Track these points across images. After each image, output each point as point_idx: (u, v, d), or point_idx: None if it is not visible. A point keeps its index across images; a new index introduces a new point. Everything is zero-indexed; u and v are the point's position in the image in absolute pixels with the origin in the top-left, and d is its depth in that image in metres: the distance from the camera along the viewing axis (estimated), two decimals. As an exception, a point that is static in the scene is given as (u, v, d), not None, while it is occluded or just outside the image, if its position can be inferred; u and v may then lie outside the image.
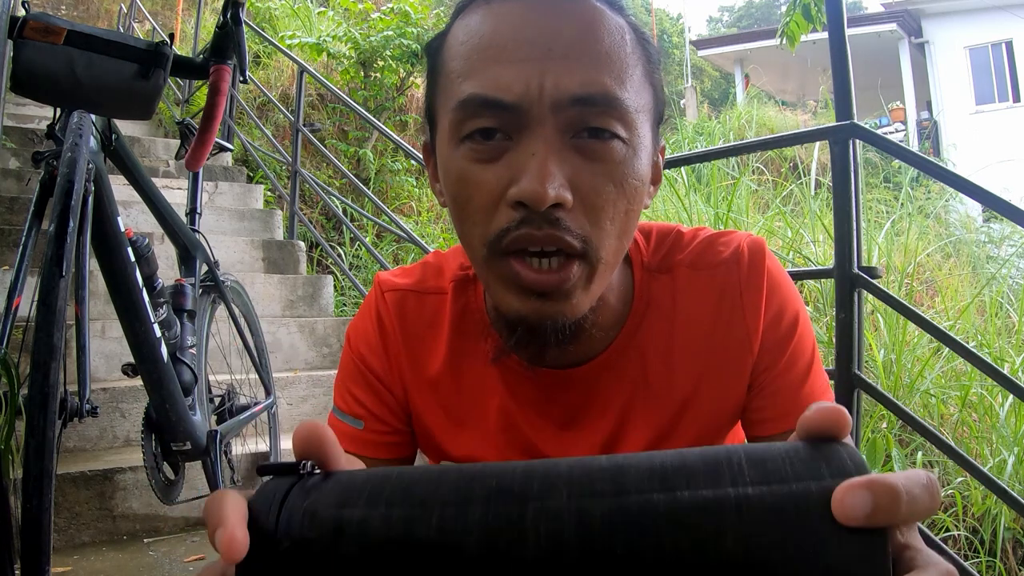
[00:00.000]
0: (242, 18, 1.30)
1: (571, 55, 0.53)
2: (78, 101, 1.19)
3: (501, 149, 0.54)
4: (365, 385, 0.72)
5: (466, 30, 0.57)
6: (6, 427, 1.01)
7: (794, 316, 0.66)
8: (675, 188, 4.11)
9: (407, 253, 4.73)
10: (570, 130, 0.53)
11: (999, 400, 2.42)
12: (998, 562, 2.07)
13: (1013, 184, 5.00)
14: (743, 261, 0.66)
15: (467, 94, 0.54)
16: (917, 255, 3.70)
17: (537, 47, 0.53)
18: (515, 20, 0.55)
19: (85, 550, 1.73)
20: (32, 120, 4.40)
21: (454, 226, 0.60)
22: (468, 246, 0.58)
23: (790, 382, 0.66)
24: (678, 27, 24.63)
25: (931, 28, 12.09)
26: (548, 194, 0.50)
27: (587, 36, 0.54)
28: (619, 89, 0.54)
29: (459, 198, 0.57)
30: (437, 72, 0.59)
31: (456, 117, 0.55)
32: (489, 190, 0.54)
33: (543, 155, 0.51)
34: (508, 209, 0.53)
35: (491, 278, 0.57)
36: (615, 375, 0.67)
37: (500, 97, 0.53)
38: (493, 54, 0.54)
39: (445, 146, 0.57)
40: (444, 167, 0.58)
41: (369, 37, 5.54)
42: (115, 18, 6.99)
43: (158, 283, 1.47)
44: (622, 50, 0.55)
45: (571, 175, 0.53)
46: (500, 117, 0.53)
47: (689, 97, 13.14)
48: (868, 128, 1.57)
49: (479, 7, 0.57)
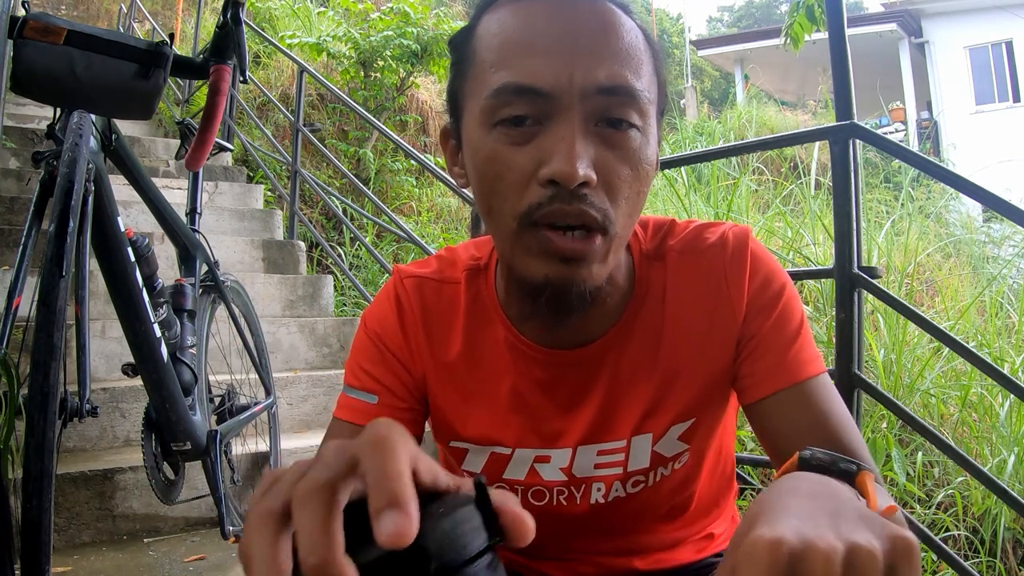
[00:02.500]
0: (242, 18, 1.30)
1: (596, 50, 0.59)
2: (78, 101, 1.19)
3: (532, 134, 0.59)
4: (381, 361, 0.75)
5: (499, 22, 0.62)
6: (6, 427, 1.01)
7: (780, 286, 0.71)
8: (675, 188, 4.11)
9: (407, 253, 4.73)
10: (593, 118, 0.59)
11: (999, 400, 2.42)
12: (998, 562, 2.07)
13: (1015, 184, 5.00)
14: (728, 245, 0.71)
15: (502, 82, 0.59)
16: (917, 255, 3.70)
17: (566, 42, 0.59)
18: (545, 17, 0.60)
19: (85, 550, 1.73)
20: (32, 120, 4.40)
21: (479, 204, 0.65)
22: (497, 221, 0.63)
23: (778, 343, 0.69)
24: (678, 27, 24.62)
25: (931, 28, 12.09)
26: (578, 173, 0.56)
27: (609, 34, 0.60)
28: (636, 82, 0.60)
29: (489, 176, 0.62)
30: (466, 62, 0.64)
31: (490, 104, 0.60)
32: (521, 169, 0.59)
33: (572, 138, 0.57)
34: (539, 187, 0.59)
35: (519, 249, 0.62)
36: (616, 355, 0.72)
37: (534, 84, 0.58)
38: (526, 47, 0.60)
39: (475, 129, 0.62)
40: (474, 148, 0.63)
41: (369, 37, 5.54)
42: (115, 18, 6.99)
43: (158, 283, 1.47)
44: (637, 48, 0.61)
45: (594, 157, 0.59)
46: (532, 104, 0.59)
47: (689, 97, 13.14)
48: (868, 128, 1.57)
49: (508, 4, 0.63)
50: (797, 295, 0.72)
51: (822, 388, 0.68)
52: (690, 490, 0.78)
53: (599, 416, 0.72)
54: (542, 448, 0.73)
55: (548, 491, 0.75)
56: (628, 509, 0.75)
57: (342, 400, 0.76)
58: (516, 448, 0.74)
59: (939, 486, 2.29)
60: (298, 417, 2.49)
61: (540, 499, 0.76)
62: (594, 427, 0.72)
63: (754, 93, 10.96)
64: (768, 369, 0.69)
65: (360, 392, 0.75)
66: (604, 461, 0.73)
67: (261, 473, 2.10)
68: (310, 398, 2.54)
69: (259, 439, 2.08)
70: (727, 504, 0.86)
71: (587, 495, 0.75)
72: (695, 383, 0.72)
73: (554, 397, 0.73)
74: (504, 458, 0.74)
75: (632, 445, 0.72)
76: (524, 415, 0.73)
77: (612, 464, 0.73)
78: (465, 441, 0.76)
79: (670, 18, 26.04)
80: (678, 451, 0.74)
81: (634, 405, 0.72)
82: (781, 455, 0.67)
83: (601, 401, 0.72)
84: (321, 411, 2.54)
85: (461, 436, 0.76)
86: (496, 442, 0.74)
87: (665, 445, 0.73)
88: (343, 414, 0.75)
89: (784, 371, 0.68)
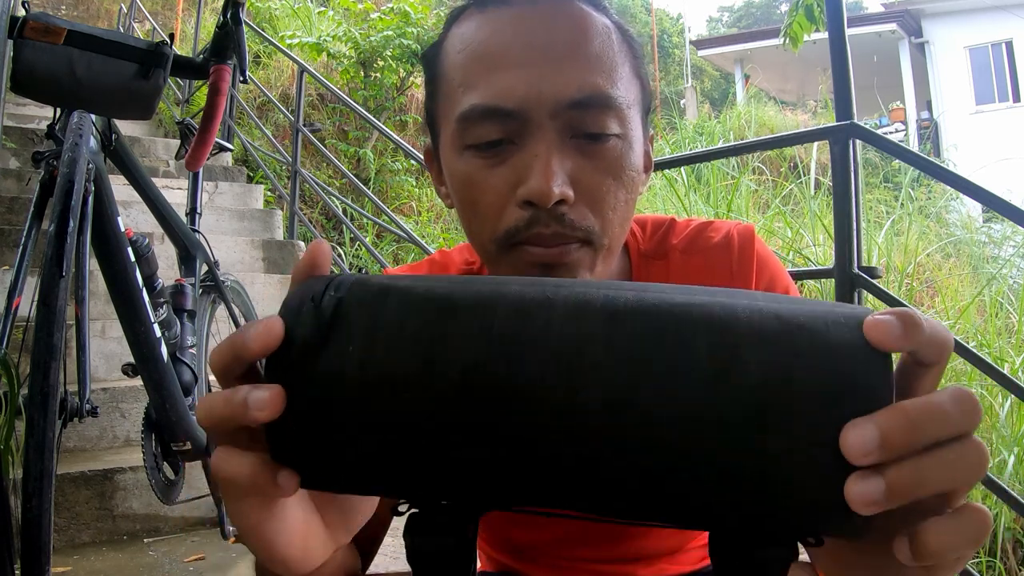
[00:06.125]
0: (242, 18, 1.30)
1: (565, 59, 0.56)
2: (78, 101, 1.19)
3: (506, 153, 0.57)
4: None
5: (462, 39, 0.59)
6: (6, 427, 1.01)
7: (784, 287, 0.70)
8: (675, 188, 4.11)
9: (407, 253, 4.73)
10: (569, 131, 0.56)
11: (999, 400, 2.42)
12: (998, 562, 2.07)
13: (1016, 185, 5.00)
14: (733, 245, 0.70)
15: (469, 105, 0.56)
16: (917, 255, 3.70)
17: (532, 54, 0.56)
18: (510, 28, 0.57)
19: (85, 550, 1.73)
20: (32, 120, 4.40)
21: (462, 225, 0.63)
22: (478, 243, 0.62)
23: None
24: (678, 27, 24.62)
25: (931, 28, 12.09)
26: (553, 191, 0.54)
27: (578, 40, 0.57)
28: (612, 88, 0.57)
29: (467, 201, 0.60)
30: (436, 81, 0.62)
31: (460, 127, 0.58)
32: (497, 192, 0.57)
33: (546, 156, 0.55)
34: (516, 208, 0.56)
35: (502, 271, 0.60)
36: None
37: (501, 104, 0.55)
38: (491, 62, 0.57)
39: (450, 153, 0.60)
40: (450, 172, 0.61)
41: (369, 37, 5.54)
42: (115, 18, 6.98)
43: (158, 283, 1.47)
44: (611, 50, 0.58)
45: (572, 172, 0.56)
46: (503, 124, 0.56)
47: (689, 97, 13.15)
48: (868, 128, 1.57)
49: (472, 16, 0.60)
50: (799, 295, 0.72)
51: None
52: None
53: None
54: None
55: None
56: None
57: None
58: None
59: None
60: (298, 417, 2.49)
61: None
62: None
63: (754, 93, 10.96)
64: None
65: None
66: None
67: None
68: (310, 398, 2.54)
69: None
70: None
71: None
72: None
73: None
74: None
75: None
76: None
77: None
78: None
79: (670, 18, 26.03)
80: None
81: None
82: None
83: None
84: (321, 411, 2.53)
85: None
86: None
87: None
88: None
89: None
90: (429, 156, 0.68)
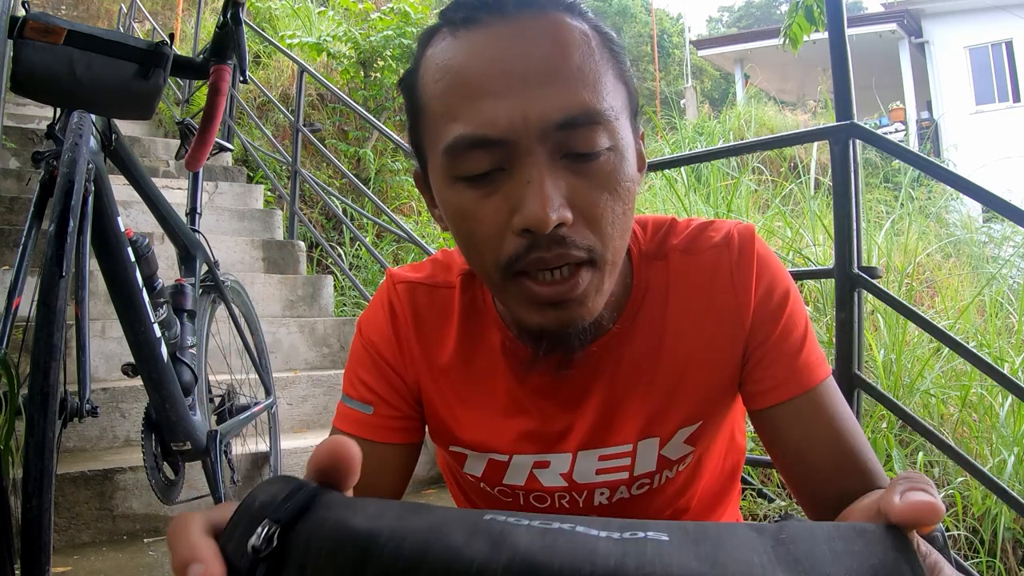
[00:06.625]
0: (242, 18, 1.30)
1: (547, 80, 0.54)
2: (78, 101, 1.19)
3: (498, 182, 0.56)
4: (375, 371, 0.75)
5: (438, 67, 0.58)
6: (6, 427, 1.01)
7: (785, 291, 0.70)
8: (675, 188, 4.11)
9: (407, 253, 4.73)
10: (559, 151, 0.55)
11: (999, 400, 2.42)
12: (998, 562, 2.07)
13: (1016, 185, 5.00)
14: (733, 245, 0.70)
15: (454, 136, 0.55)
16: (917, 255, 3.70)
17: (512, 77, 0.54)
18: (486, 52, 0.55)
19: (85, 550, 1.73)
20: (32, 120, 4.40)
21: (462, 254, 0.63)
22: (481, 272, 0.61)
23: (786, 351, 0.68)
24: (678, 27, 24.62)
25: (931, 28, 12.08)
26: (551, 217, 0.53)
27: (557, 56, 0.55)
28: (598, 102, 0.55)
29: (464, 232, 0.59)
30: (417, 110, 0.61)
31: (448, 158, 0.57)
32: (493, 221, 0.56)
33: (539, 181, 0.54)
34: (514, 236, 0.56)
35: (508, 297, 0.60)
36: (615, 357, 0.70)
37: (487, 134, 0.54)
38: (471, 92, 0.55)
39: (440, 182, 0.59)
40: (442, 201, 0.61)
41: (369, 37, 5.54)
42: (115, 18, 6.98)
43: (158, 283, 1.47)
44: (591, 60, 0.56)
45: (567, 192, 0.55)
46: (491, 153, 0.55)
47: (689, 97, 13.15)
48: (868, 128, 1.57)
49: (444, 38, 0.58)
50: (800, 296, 0.72)
51: (831, 391, 0.68)
52: (692, 490, 0.78)
53: (600, 420, 0.71)
54: (541, 453, 0.72)
55: (549, 496, 0.75)
56: (631, 511, 0.75)
57: (340, 409, 0.76)
58: (513, 455, 0.73)
59: (939, 486, 2.29)
60: (298, 417, 2.49)
61: (542, 503, 0.75)
62: (595, 431, 0.71)
63: (754, 93, 10.96)
64: (778, 377, 0.68)
65: (357, 403, 0.74)
66: (607, 466, 0.72)
67: (261, 473, 2.10)
68: (310, 398, 2.54)
69: (259, 439, 2.08)
70: (730, 503, 0.86)
71: (590, 498, 0.74)
72: (702, 384, 0.70)
73: (551, 401, 0.71)
74: (502, 464, 0.74)
75: (639, 450, 0.71)
76: (521, 419, 0.72)
77: (617, 469, 0.72)
78: (463, 446, 0.75)
79: (670, 18, 26.02)
80: (684, 454, 0.73)
81: (638, 408, 0.70)
82: (791, 460, 0.67)
83: (601, 404, 0.70)
84: (321, 411, 2.53)
85: (459, 441, 0.75)
86: (492, 449, 0.73)
87: (672, 449, 0.72)
88: (341, 424, 0.75)
89: (795, 378, 0.67)
90: (420, 181, 0.67)
